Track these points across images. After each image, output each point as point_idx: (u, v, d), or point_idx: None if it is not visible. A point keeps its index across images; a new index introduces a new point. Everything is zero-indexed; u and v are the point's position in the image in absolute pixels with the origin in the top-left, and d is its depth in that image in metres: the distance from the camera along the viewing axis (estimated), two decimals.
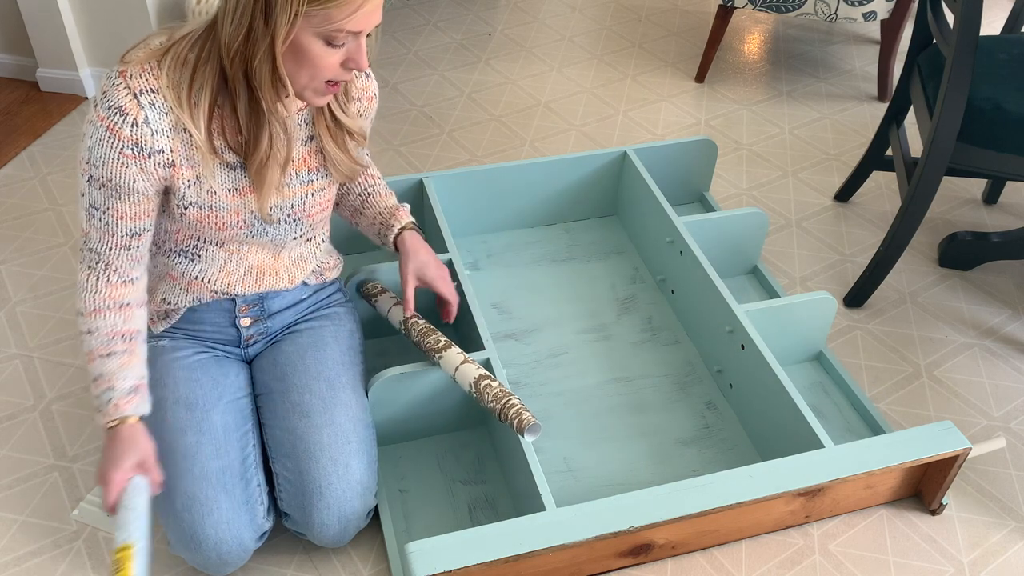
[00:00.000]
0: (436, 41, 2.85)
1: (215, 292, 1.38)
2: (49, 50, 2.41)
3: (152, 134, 1.17)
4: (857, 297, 1.93)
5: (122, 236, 1.25)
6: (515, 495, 1.49)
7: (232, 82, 1.17)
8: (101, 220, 1.23)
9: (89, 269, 1.28)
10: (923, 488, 1.54)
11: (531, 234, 2.07)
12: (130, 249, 1.27)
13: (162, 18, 2.35)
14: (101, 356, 1.27)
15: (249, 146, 1.22)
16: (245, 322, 1.44)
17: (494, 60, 2.76)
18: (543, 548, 1.27)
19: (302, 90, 1.18)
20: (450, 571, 1.24)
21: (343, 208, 1.58)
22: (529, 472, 1.37)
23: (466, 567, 1.24)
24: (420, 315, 1.56)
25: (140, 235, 1.26)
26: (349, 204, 1.56)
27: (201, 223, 1.27)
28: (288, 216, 1.33)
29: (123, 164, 1.18)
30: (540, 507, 1.33)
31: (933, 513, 1.53)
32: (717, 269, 1.94)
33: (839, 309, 1.93)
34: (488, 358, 1.53)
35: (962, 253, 2.02)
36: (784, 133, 2.48)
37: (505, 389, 1.39)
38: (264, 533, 1.35)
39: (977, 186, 2.29)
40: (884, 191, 2.28)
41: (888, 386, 1.76)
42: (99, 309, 1.27)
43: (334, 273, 1.54)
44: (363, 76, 1.37)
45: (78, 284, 1.29)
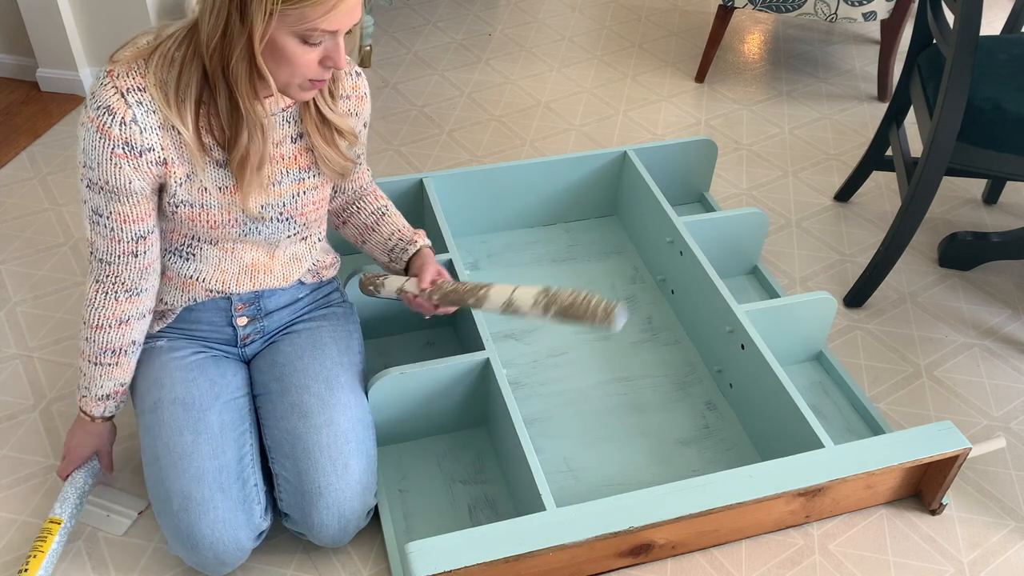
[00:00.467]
0: (436, 41, 2.85)
1: (210, 291, 1.38)
2: (49, 50, 2.41)
3: (141, 132, 1.17)
4: (857, 297, 1.93)
5: (128, 241, 1.25)
6: (515, 495, 1.49)
7: (213, 79, 1.17)
8: (105, 226, 1.24)
9: (98, 283, 1.30)
10: (923, 488, 1.54)
11: (531, 234, 2.07)
12: (137, 256, 1.27)
13: (162, 18, 2.35)
14: (90, 360, 1.35)
15: (230, 143, 1.22)
16: (241, 321, 1.44)
17: (494, 60, 2.76)
18: (543, 548, 1.26)
19: (285, 87, 1.19)
20: (450, 571, 1.24)
21: (351, 227, 1.54)
22: (529, 472, 1.37)
23: (466, 567, 1.24)
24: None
25: (145, 238, 1.27)
26: (360, 222, 1.53)
27: (193, 221, 1.28)
28: (280, 215, 1.33)
29: (116, 165, 1.18)
30: (540, 507, 1.33)
31: (933, 513, 1.53)
32: (717, 269, 1.94)
33: (839, 309, 1.93)
34: (488, 358, 1.53)
35: (962, 253, 2.01)
36: (784, 133, 2.48)
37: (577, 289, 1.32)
38: (262, 533, 1.35)
39: (977, 186, 2.29)
40: (884, 191, 2.28)
41: (888, 386, 1.76)
42: (100, 326, 1.32)
43: (331, 272, 1.54)
44: (352, 74, 1.36)
45: (86, 295, 1.32)
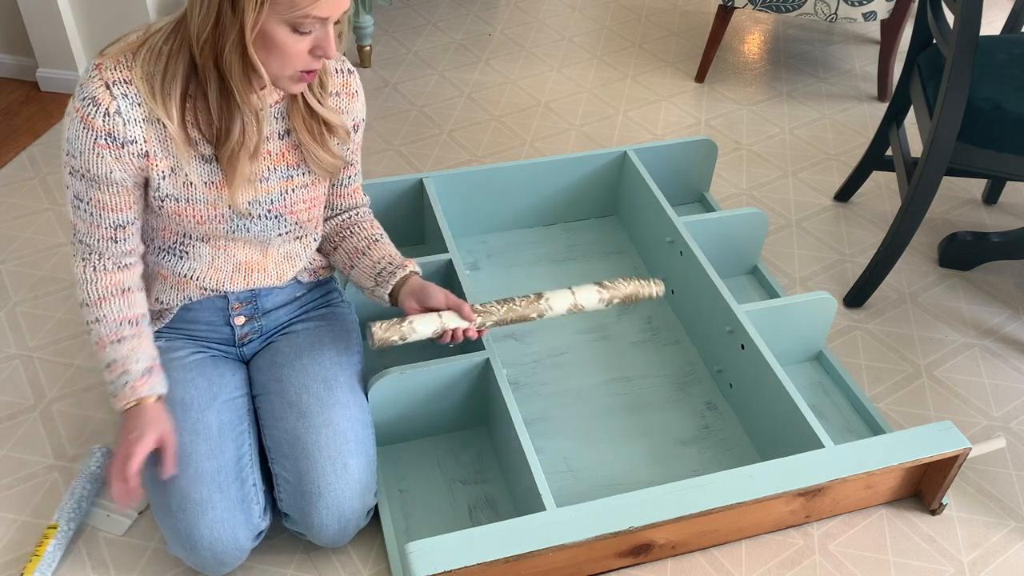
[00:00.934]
0: (436, 41, 2.85)
1: (205, 289, 1.38)
2: (49, 50, 2.41)
3: (124, 124, 1.18)
4: (857, 297, 1.93)
5: (107, 228, 1.26)
6: (515, 495, 1.49)
7: (203, 72, 1.17)
8: (86, 211, 1.25)
9: (83, 260, 1.30)
10: (923, 488, 1.54)
11: (531, 234, 2.07)
12: (117, 242, 1.28)
13: (162, 17, 2.35)
14: (111, 343, 1.29)
15: (221, 136, 1.22)
16: (239, 320, 1.44)
17: (494, 60, 2.76)
18: (543, 548, 1.26)
19: (276, 79, 1.18)
20: (450, 571, 1.24)
21: (341, 252, 1.47)
22: (529, 472, 1.37)
23: (466, 567, 1.24)
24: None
25: (125, 227, 1.27)
26: (351, 247, 1.47)
27: (180, 216, 1.27)
28: (268, 212, 1.32)
29: (99, 155, 1.19)
30: (540, 507, 1.33)
31: (933, 513, 1.53)
32: (717, 269, 1.94)
33: (839, 309, 1.93)
34: (488, 358, 1.53)
35: (962, 253, 2.01)
36: (784, 133, 2.48)
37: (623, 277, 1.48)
38: (261, 533, 1.35)
39: (977, 186, 2.29)
40: (884, 191, 2.28)
41: (888, 386, 1.76)
42: (103, 297, 1.30)
43: (329, 272, 1.53)
44: (344, 72, 1.35)
45: (76, 277, 1.31)
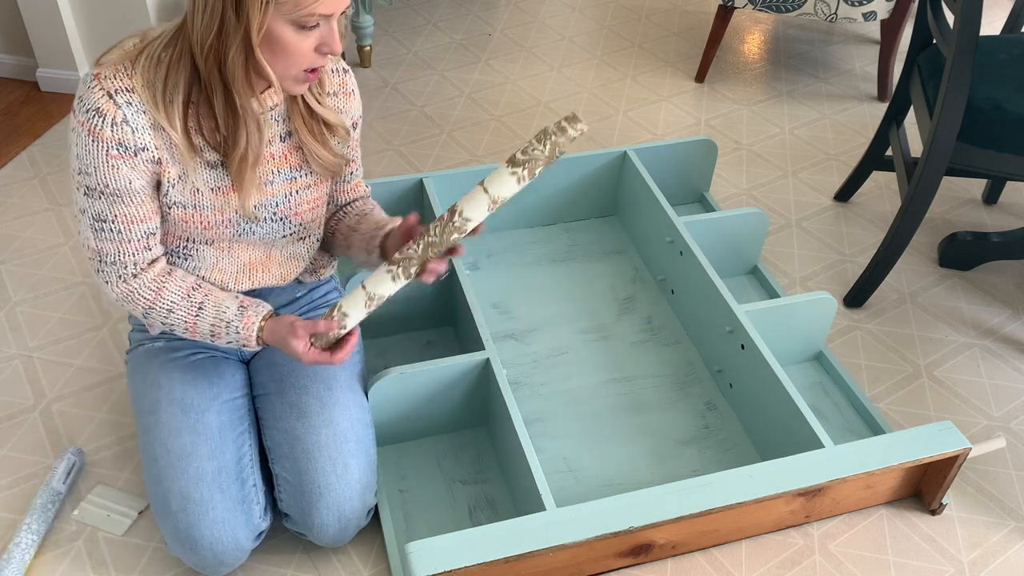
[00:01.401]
0: (436, 41, 2.85)
1: None
2: (49, 50, 2.41)
3: (133, 132, 1.17)
4: (857, 297, 1.93)
5: (139, 239, 1.24)
6: (515, 495, 1.49)
7: (207, 79, 1.16)
8: (112, 230, 1.22)
9: (118, 278, 1.27)
10: (923, 488, 1.54)
11: (531, 234, 2.07)
12: (149, 249, 1.27)
13: (161, 17, 2.35)
14: (196, 318, 1.29)
15: (228, 143, 1.21)
16: None
17: (494, 60, 2.76)
18: (543, 548, 1.26)
19: (282, 80, 1.18)
20: (450, 571, 1.24)
21: (338, 234, 1.47)
22: (529, 472, 1.37)
23: (466, 567, 1.24)
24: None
25: (155, 234, 1.26)
26: (345, 226, 1.46)
27: (186, 223, 1.27)
28: (274, 214, 1.33)
29: (113, 166, 1.17)
30: (540, 507, 1.33)
31: (933, 513, 1.53)
32: (717, 269, 1.94)
33: (839, 309, 1.93)
34: (488, 358, 1.53)
35: (962, 253, 2.01)
36: (784, 133, 2.48)
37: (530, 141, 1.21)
38: (261, 533, 1.35)
39: (977, 186, 2.29)
40: (884, 191, 2.28)
41: (888, 386, 1.76)
42: (159, 290, 1.28)
43: (329, 271, 1.54)
44: (340, 71, 1.35)
45: (119, 299, 1.28)
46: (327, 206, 1.48)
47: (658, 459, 1.59)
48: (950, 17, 3.08)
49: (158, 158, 1.20)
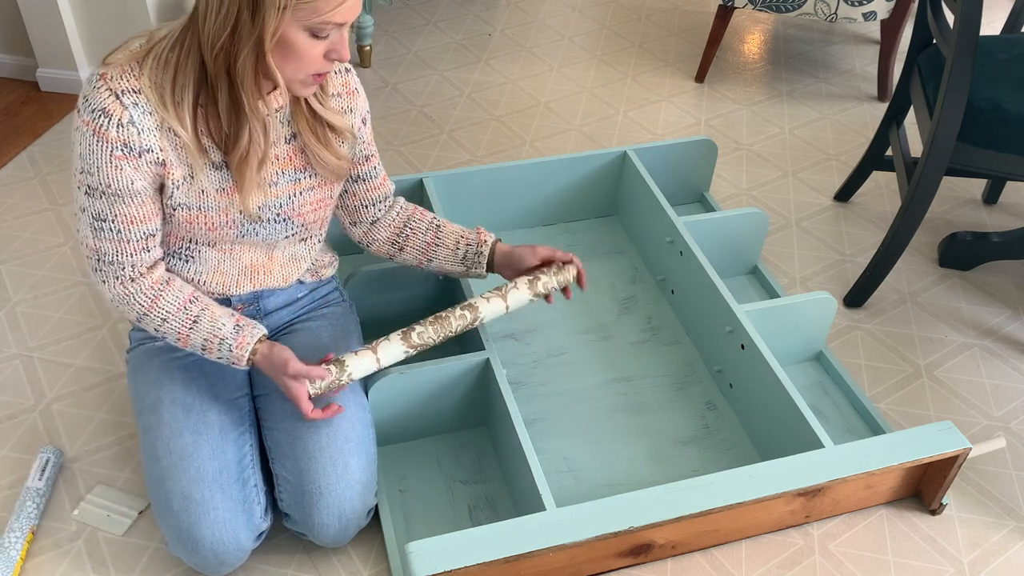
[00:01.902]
0: (436, 41, 2.85)
1: (210, 292, 1.38)
2: (49, 50, 2.41)
3: (139, 133, 1.16)
4: (857, 297, 1.93)
5: (138, 240, 1.24)
6: (515, 495, 1.49)
7: (214, 78, 1.16)
8: (111, 230, 1.22)
9: (116, 279, 1.27)
10: (923, 488, 1.54)
11: (531, 234, 2.07)
12: (149, 250, 1.27)
13: (161, 17, 2.35)
14: (190, 329, 1.29)
15: (230, 142, 1.21)
16: None
17: (494, 60, 2.76)
18: (543, 548, 1.26)
19: (289, 83, 1.18)
20: (450, 571, 1.24)
21: (410, 250, 1.51)
22: (529, 472, 1.37)
23: (466, 567, 1.24)
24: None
25: (155, 235, 1.26)
26: (420, 242, 1.50)
27: (191, 224, 1.27)
28: (278, 215, 1.33)
29: (117, 167, 1.17)
30: (540, 507, 1.33)
31: (933, 513, 1.53)
32: (717, 269, 1.94)
33: (839, 309, 1.93)
34: (488, 358, 1.53)
35: (962, 253, 2.01)
36: (784, 133, 2.48)
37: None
38: (262, 533, 1.35)
39: (977, 186, 2.29)
40: (884, 191, 2.28)
41: (888, 386, 1.76)
42: (155, 298, 1.28)
43: (330, 271, 1.54)
44: (342, 71, 1.35)
45: (113, 298, 1.28)
46: (362, 212, 1.48)
47: (658, 459, 1.59)
48: (950, 17, 3.08)
49: (163, 160, 1.20)
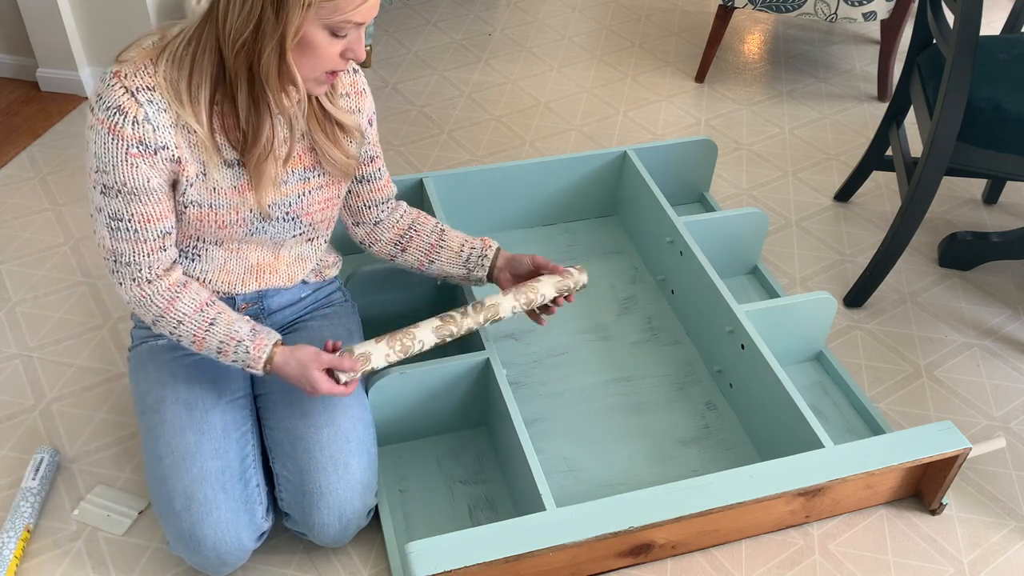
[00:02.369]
0: (436, 41, 2.85)
1: (215, 291, 1.38)
2: (49, 50, 2.41)
3: (154, 130, 1.16)
4: (857, 297, 1.93)
5: (155, 239, 1.24)
6: (515, 495, 1.49)
7: (233, 76, 1.16)
8: (128, 230, 1.22)
9: (133, 281, 1.27)
10: (923, 488, 1.54)
11: (531, 234, 2.07)
12: (165, 250, 1.27)
13: (161, 17, 2.35)
14: (206, 332, 1.29)
15: (248, 140, 1.21)
16: None
17: (494, 60, 2.76)
18: (543, 548, 1.27)
19: (304, 80, 1.19)
20: (450, 571, 1.24)
21: (412, 251, 1.51)
22: (529, 472, 1.37)
23: (466, 567, 1.24)
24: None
25: (171, 234, 1.26)
26: (423, 244, 1.51)
27: (201, 222, 1.27)
28: (286, 214, 1.33)
29: (133, 165, 1.17)
30: (540, 507, 1.33)
31: (933, 513, 1.53)
32: (717, 269, 1.94)
33: (839, 309, 1.93)
34: (488, 358, 1.53)
35: (962, 253, 2.01)
36: (784, 133, 2.48)
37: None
38: (263, 533, 1.35)
39: (977, 186, 2.29)
40: (884, 191, 2.28)
41: (888, 386, 1.76)
42: (172, 300, 1.28)
43: (333, 271, 1.54)
44: (351, 72, 1.36)
45: (130, 299, 1.28)
46: (366, 212, 1.49)
47: (658, 459, 1.59)
48: (950, 17, 3.08)
49: (178, 157, 1.20)
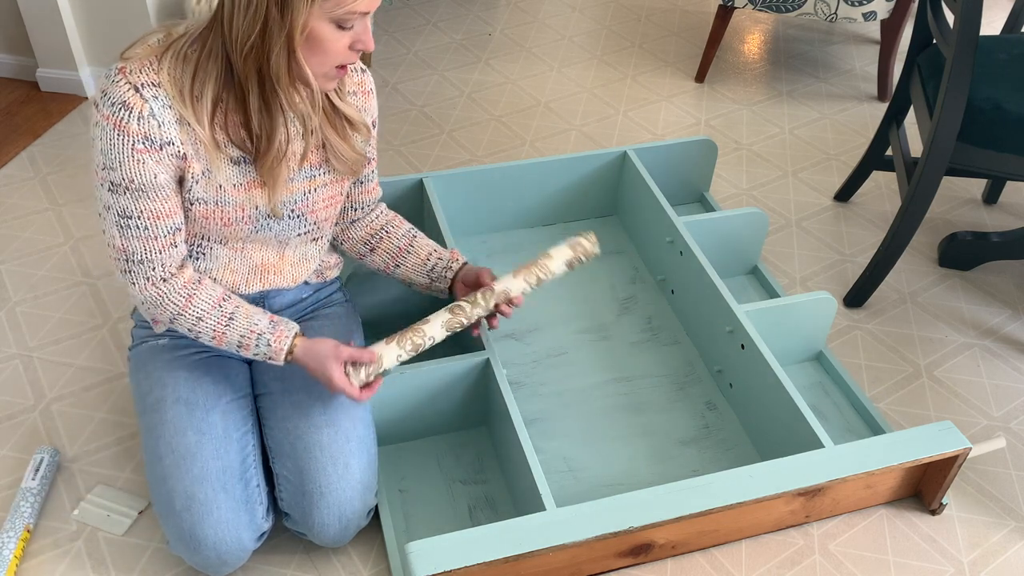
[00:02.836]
0: (436, 41, 2.85)
1: None
2: (49, 50, 2.41)
3: (160, 126, 1.16)
4: (857, 297, 1.93)
5: (165, 235, 1.24)
6: (515, 495, 1.49)
7: (243, 79, 1.16)
8: (138, 227, 1.22)
9: (146, 280, 1.26)
10: (923, 488, 1.54)
11: (531, 234, 2.07)
12: (176, 246, 1.27)
13: (161, 17, 2.35)
14: (226, 326, 1.29)
15: (261, 142, 1.21)
16: None
17: (494, 60, 2.76)
18: (543, 548, 1.27)
19: (315, 77, 1.18)
20: (450, 571, 1.24)
21: (380, 253, 1.52)
22: (529, 472, 1.37)
23: (466, 567, 1.24)
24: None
25: (181, 230, 1.26)
26: (392, 246, 1.52)
27: (207, 219, 1.27)
28: (292, 212, 1.33)
29: (139, 161, 1.17)
30: (540, 507, 1.33)
31: (933, 513, 1.53)
32: (717, 269, 1.94)
33: (839, 309, 1.93)
34: (488, 358, 1.53)
35: (962, 253, 2.01)
36: (784, 133, 2.48)
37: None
38: (263, 533, 1.35)
39: (977, 186, 2.29)
40: (884, 191, 2.28)
41: (888, 386, 1.76)
42: (190, 297, 1.28)
43: (334, 272, 1.54)
44: (357, 71, 1.36)
45: (145, 299, 1.27)
46: (348, 212, 1.49)
47: (658, 459, 1.59)
48: (950, 17, 3.08)
49: (184, 153, 1.20)
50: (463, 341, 1.72)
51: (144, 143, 1.16)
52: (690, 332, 1.82)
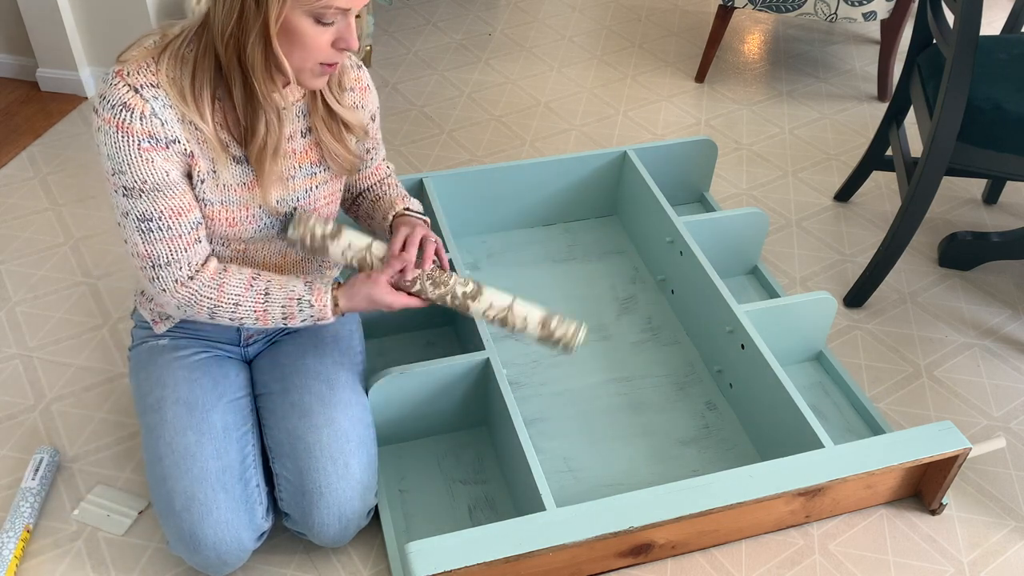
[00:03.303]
0: (436, 41, 2.85)
1: None
2: (49, 50, 2.41)
3: (163, 124, 1.16)
4: (857, 297, 1.93)
5: (188, 232, 1.23)
6: (515, 495, 1.49)
7: (227, 69, 1.16)
8: (160, 228, 1.21)
9: (176, 283, 1.24)
10: (923, 488, 1.54)
11: (531, 234, 2.07)
12: (200, 242, 1.26)
13: (161, 17, 2.35)
14: (265, 304, 1.29)
15: (247, 134, 1.22)
16: None
17: (494, 60, 2.76)
18: (543, 548, 1.27)
19: (298, 72, 1.18)
20: (450, 571, 1.24)
21: (360, 218, 1.53)
22: (529, 472, 1.37)
23: (466, 567, 1.24)
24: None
25: (202, 224, 1.26)
26: (364, 210, 1.51)
27: (212, 220, 1.27)
28: (294, 209, 1.33)
29: (148, 160, 1.16)
30: (540, 507, 1.33)
31: (933, 513, 1.53)
32: (717, 269, 1.94)
33: (839, 309, 1.93)
34: (488, 358, 1.53)
35: (962, 253, 2.02)
36: (784, 133, 2.48)
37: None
38: (263, 533, 1.35)
39: (977, 186, 2.29)
40: (884, 191, 2.28)
41: (888, 386, 1.76)
42: (221, 287, 1.27)
43: (334, 272, 1.54)
44: (354, 67, 1.36)
45: (180, 304, 1.26)
46: (349, 190, 1.51)
47: (658, 459, 1.59)
48: (950, 17, 3.08)
49: (190, 151, 1.20)
50: (463, 341, 1.72)
51: (149, 141, 1.16)
52: (690, 332, 1.82)
